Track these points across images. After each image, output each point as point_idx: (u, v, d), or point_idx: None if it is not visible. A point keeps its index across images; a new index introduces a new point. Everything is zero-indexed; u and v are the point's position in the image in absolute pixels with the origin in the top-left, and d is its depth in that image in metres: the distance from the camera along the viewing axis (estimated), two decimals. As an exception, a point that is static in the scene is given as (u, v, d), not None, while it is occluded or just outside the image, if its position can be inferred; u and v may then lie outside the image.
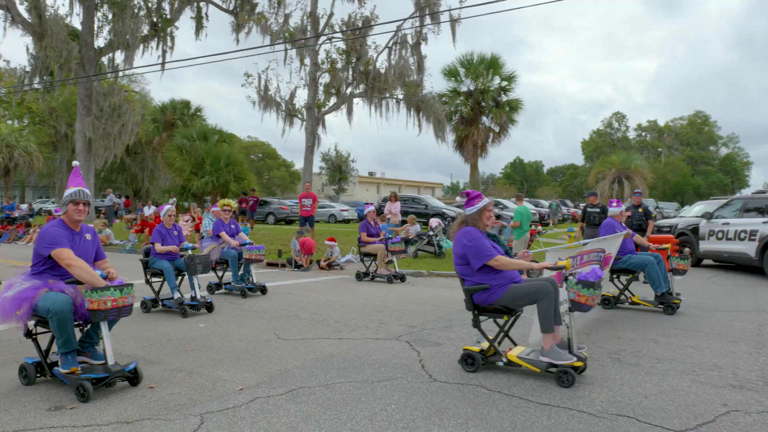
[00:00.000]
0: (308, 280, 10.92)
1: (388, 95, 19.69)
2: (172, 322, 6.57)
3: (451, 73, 25.24)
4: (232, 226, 9.10)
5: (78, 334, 4.27)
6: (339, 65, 19.53)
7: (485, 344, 4.57)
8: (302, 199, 15.71)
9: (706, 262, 13.09)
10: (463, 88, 25.45)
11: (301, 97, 56.73)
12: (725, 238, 11.55)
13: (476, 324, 4.58)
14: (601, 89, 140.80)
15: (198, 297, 7.12)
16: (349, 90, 19.70)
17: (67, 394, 3.98)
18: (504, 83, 25.22)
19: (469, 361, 4.50)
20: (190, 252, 7.27)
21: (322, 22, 19.02)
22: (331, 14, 19.01)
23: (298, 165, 69.40)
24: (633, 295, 7.42)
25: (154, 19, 25.76)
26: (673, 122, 77.03)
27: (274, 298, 8.42)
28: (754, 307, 7.55)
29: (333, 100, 20.21)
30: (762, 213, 10.92)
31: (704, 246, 12.32)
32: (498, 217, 13.81)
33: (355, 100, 19.63)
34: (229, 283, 8.79)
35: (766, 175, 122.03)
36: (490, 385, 4.14)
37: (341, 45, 19.48)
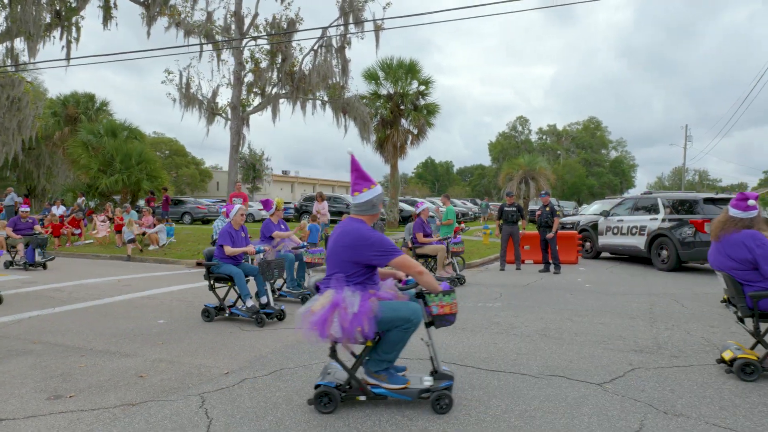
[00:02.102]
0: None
1: (311, 97, 20.07)
2: (131, 318, 6.71)
3: (371, 77, 25.97)
4: (282, 227, 8.36)
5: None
6: (264, 65, 19.63)
7: (750, 352, 4.43)
8: (233, 199, 15.71)
9: (604, 254, 14.82)
10: (383, 91, 26.24)
11: (224, 96, 55.04)
12: (620, 234, 13.21)
13: (758, 333, 4.38)
14: (503, 93, 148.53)
15: (272, 304, 6.67)
16: (274, 90, 19.86)
17: (60, 384, 4.20)
18: (422, 88, 26.28)
19: (748, 369, 4.27)
20: (262, 255, 6.87)
21: (246, 21, 19.04)
22: (256, 14, 19.06)
23: (209, 162, 67.36)
24: None
25: (57, 7, 24.29)
26: (570, 127, 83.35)
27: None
28: (645, 291, 8.92)
29: (257, 100, 20.27)
30: (649, 211, 12.64)
31: (603, 240, 13.97)
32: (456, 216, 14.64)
33: (281, 100, 19.83)
34: (281, 288, 8.22)
35: (649, 176, 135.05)
36: (445, 359, 4.85)
37: (266, 45, 19.59)
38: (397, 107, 25.71)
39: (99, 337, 5.78)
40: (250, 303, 6.51)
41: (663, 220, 11.96)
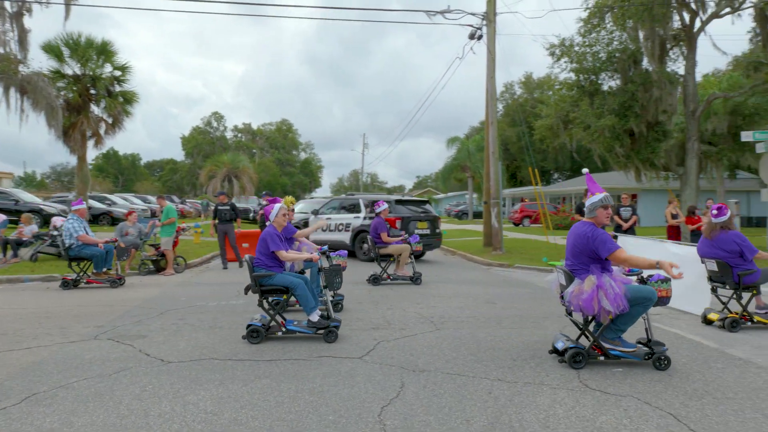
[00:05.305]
0: None
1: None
2: None
3: (52, 51, 22.35)
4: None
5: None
6: None
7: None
8: None
9: (312, 249, 16.33)
10: (69, 71, 22.90)
11: None
12: (329, 230, 14.82)
13: (740, 299, 6.37)
14: (192, 84, 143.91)
15: (333, 315, 5.87)
16: None
17: None
18: (118, 73, 23.88)
19: (735, 324, 6.19)
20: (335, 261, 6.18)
21: None
22: None
23: None
24: None
25: None
26: (264, 127, 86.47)
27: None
28: (358, 279, 10.41)
29: None
30: (352, 210, 14.56)
31: (313, 237, 15.37)
32: (155, 214, 13.59)
33: None
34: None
35: (332, 177, 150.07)
36: (220, 356, 5.00)
37: None
38: (87, 91, 22.76)
39: None
40: (316, 317, 5.67)
41: (364, 218, 13.98)
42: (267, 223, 6.10)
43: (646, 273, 4.82)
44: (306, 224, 15.76)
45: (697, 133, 17.19)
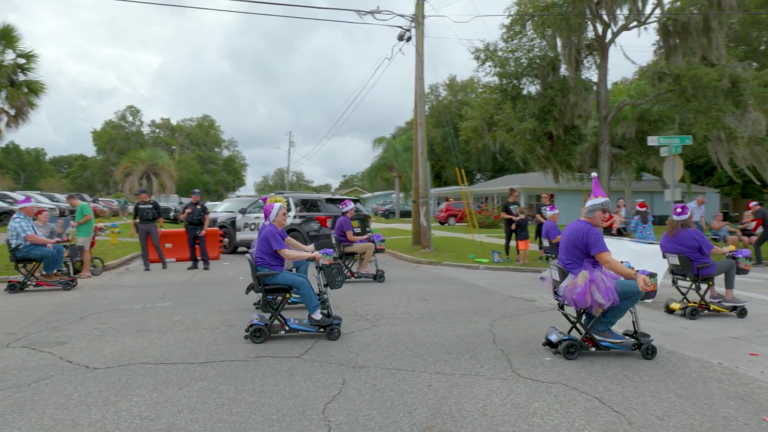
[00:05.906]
0: None
1: None
2: None
3: (-58, 34, 20.42)
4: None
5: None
6: None
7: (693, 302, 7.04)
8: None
9: (241, 249, 15.89)
10: (-36, 57, 20.97)
11: None
12: (257, 229, 14.49)
13: (698, 290, 6.98)
14: (103, 75, 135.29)
15: (332, 313, 5.92)
16: None
17: None
18: (22, 60, 22.16)
19: (695, 313, 6.79)
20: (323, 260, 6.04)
21: None
22: None
23: None
24: None
25: None
26: (184, 122, 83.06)
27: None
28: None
29: None
30: (282, 209, 14.33)
31: (240, 236, 15.05)
32: (64, 213, 12.69)
33: None
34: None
35: (256, 175, 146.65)
36: (151, 360, 4.79)
37: None
38: (-15, 79, 20.93)
39: None
40: (318, 315, 5.72)
41: (294, 217, 13.82)
42: (265, 223, 6.03)
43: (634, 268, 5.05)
44: (233, 223, 15.36)
45: (609, 137, 18.43)
